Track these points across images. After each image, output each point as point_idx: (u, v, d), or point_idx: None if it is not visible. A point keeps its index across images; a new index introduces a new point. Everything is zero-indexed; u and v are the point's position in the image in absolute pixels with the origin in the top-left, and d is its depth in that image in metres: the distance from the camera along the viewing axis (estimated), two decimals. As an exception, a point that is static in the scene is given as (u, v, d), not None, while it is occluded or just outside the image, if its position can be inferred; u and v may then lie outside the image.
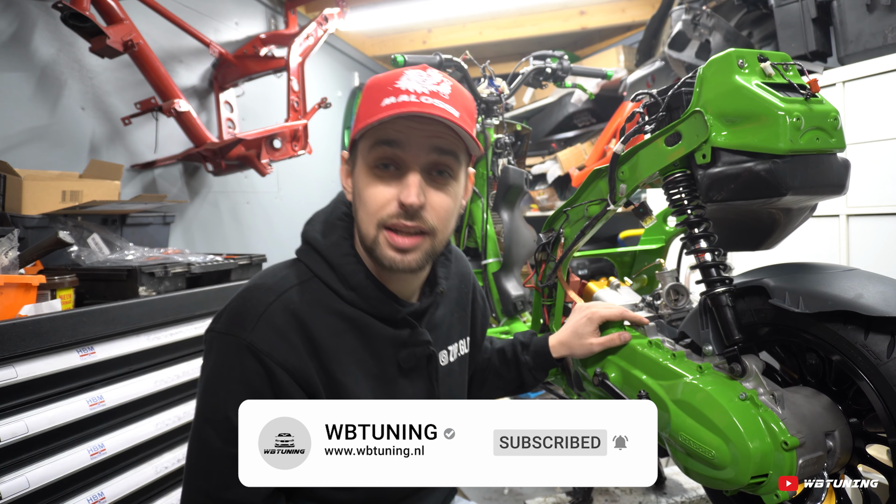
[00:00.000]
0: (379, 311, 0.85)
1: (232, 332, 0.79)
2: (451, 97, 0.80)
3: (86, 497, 1.31)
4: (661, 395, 1.08)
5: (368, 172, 0.82)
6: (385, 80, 0.81)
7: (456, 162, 0.84)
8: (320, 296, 0.84)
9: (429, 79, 0.81)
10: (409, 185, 0.79)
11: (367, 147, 0.82)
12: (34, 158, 2.19)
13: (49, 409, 1.26)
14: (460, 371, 1.03)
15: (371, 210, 0.81)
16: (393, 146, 0.80)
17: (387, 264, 0.82)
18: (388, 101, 0.78)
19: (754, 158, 0.96)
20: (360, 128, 0.81)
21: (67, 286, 1.50)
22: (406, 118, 0.78)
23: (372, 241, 0.82)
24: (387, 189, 0.80)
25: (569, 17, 4.46)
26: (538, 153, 4.36)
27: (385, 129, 0.79)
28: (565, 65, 2.00)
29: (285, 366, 0.78)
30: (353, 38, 4.79)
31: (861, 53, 2.03)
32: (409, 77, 0.80)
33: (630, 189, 1.18)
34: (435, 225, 0.82)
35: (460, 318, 1.03)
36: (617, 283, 1.54)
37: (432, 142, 0.80)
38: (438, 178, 0.82)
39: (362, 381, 0.84)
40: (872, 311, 0.88)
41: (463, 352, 1.04)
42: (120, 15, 2.22)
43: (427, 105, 0.77)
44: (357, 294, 0.84)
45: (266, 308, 0.80)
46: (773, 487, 0.93)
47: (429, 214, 0.81)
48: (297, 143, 3.04)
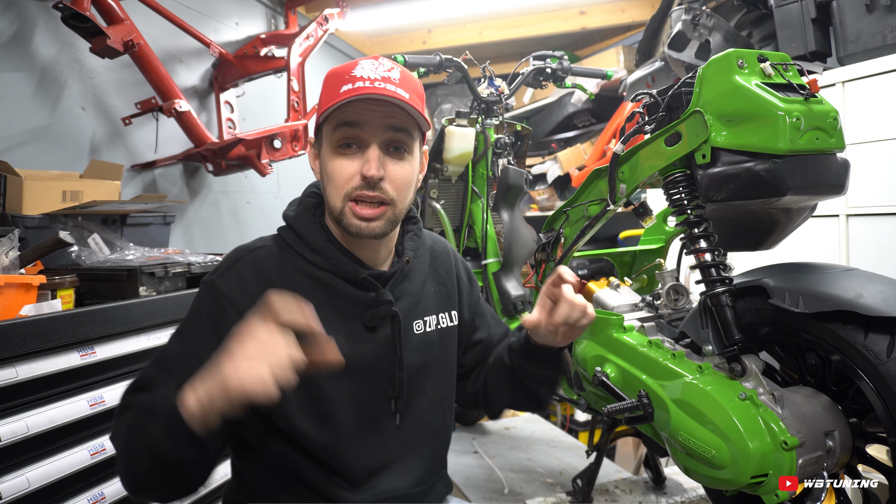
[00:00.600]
0: (342, 272, 0.94)
1: (207, 278, 0.94)
2: (401, 81, 0.91)
3: (86, 497, 1.32)
4: (661, 394, 1.08)
5: (333, 152, 0.92)
6: (342, 70, 0.92)
7: (409, 138, 0.94)
8: (289, 258, 0.95)
9: (381, 66, 0.92)
10: (369, 159, 0.89)
11: (330, 130, 0.92)
12: (34, 158, 2.19)
13: (49, 409, 1.26)
14: (442, 343, 1.05)
15: (338, 184, 0.91)
16: (353, 126, 0.90)
17: (353, 231, 0.91)
18: (345, 88, 0.89)
19: (754, 158, 0.96)
20: (322, 112, 0.92)
21: (68, 286, 1.50)
22: (363, 101, 0.89)
23: (339, 213, 0.92)
24: (350, 164, 0.91)
25: (569, 17, 4.46)
26: (538, 153, 4.35)
27: (345, 112, 0.90)
28: (565, 65, 2.00)
29: (239, 309, 0.87)
30: (353, 38, 4.79)
31: (861, 53, 2.03)
32: (363, 66, 0.91)
33: (630, 189, 1.18)
34: (394, 195, 0.92)
35: (439, 293, 1.08)
36: (617, 283, 1.54)
37: (387, 121, 0.90)
38: (395, 154, 0.93)
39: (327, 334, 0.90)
40: (872, 310, 0.88)
41: (445, 324, 1.07)
42: (120, 15, 2.22)
43: (380, 89, 0.88)
44: (320, 255, 0.95)
45: (236, 261, 0.94)
46: (772, 487, 0.93)
47: (388, 185, 0.91)
48: (297, 143, 3.04)
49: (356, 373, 0.93)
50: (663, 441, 1.12)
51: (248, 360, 0.70)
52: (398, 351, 0.97)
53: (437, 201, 2.00)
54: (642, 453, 2.25)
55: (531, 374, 1.04)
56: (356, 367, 0.93)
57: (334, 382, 0.92)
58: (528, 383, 1.05)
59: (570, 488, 1.71)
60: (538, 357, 1.02)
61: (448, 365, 1.08)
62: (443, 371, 1.06)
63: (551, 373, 1.05)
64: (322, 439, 0.92)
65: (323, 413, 0.92)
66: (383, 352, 0.97)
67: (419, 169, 1.00)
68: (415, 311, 1.03)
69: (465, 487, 1.92)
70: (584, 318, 0.93)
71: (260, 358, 0.69)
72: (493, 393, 1.12)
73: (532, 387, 1.06)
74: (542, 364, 1.03)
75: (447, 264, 1.13)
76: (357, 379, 0.94)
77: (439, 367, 1.05)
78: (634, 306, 1.45)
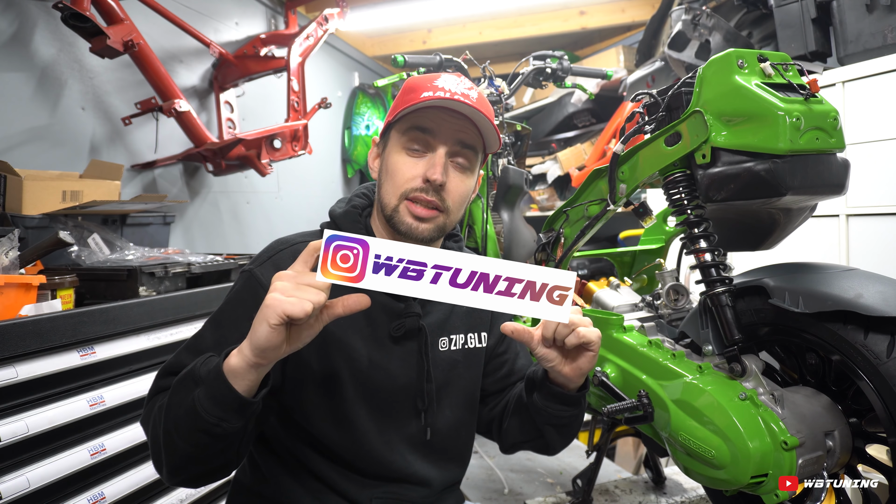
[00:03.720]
0: None
1: (247, 267, 0.95)
2: (478, 101, 0.93)
3: (86, 497, 1.32)
4: (660, 394, 1.08)
5: (400, 151, 0.94)
6: (425, 79, 0.95)
7: (474, 157, 0.96)
8: None
9: (461, 83, 0.95)
10: (436, 163, 0.91)
11: (401, 130, 0.94)
12: (34, 158, 2.19)
13: (49, 409, 1.26)
14: (467, 364, 1.03)
15: (398, 182, 0.92)
16: (426, 132, 0.92)
17: (403, 230, 0.92)
18: (426, 94, 0.91)
19: (754, 158, 0.96)
20: (399, 110, 0.93)
21: (68, 286, 1.50)
22: (440, 109, 0.92)
23: (392, 210, 0.93)
24: (415, 165, 0.92)
25: (569, 17, 4.46)
26: (538, 153, 4.36)
27: (421, 117, 0.92)
28: (565, 65, 2.00)
29: None
30: (353, 38, 4.79)
31: (861, 53, 2.03)
32: (445, 79, 0.94)
33: (630, 189, 1.18)
34: (450, 205, 0.93)
35: (470, 312, 1.05)
36: (617, 283, 1.54)
37: (458, 134, 0.93)
38: (458, 167, 0.94)
39: (351, 336, 0.93)
40: (872, 310, 0.88)
41: (473, 345, 1.04)
42: (120, 15, 2.22)
43: (460, 100, 0.90)
44: None
45: (276, 253, 0.95)
46: (772, 487, 0.93)
47: (447, 194, 0.93)
48: (297, 143, 3.04)
49: (377, 380, 0.94)
50: (663, 441, 1.12)
51: (283, 288, 0.71)
52: (426, 364, 0.96)
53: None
54: (642, 453, 2.25)
55: (540, 409, 0.95)
56: (378, 375, 0.93)
57: (356, 387, 0.92)
58: (536, 418, 0.97)
59: (570, 488, 1.71)
60: (551, 392, 0.93)
61: (471, 386, 1.04)
62: (464, 392, 1.03)
63: (562, 412, 0.95)
64: (341, 441, 0.92)
65: (343, 416, 0.92)
66: (407, 363, 0.96)
67: (474, 188, 1.01)
68: (443, 328, 1.01)
69: (465, 487, 1.92)
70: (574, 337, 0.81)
71: (293, 284, 0.72)
72: (507, 426, 1.06)
73: (539, 423, 0.98)
74: (554, 399, 0.93)
75: None
76: (377, 386, 0.94)
77: (461, 387, 1.02)
78: (634, 306, 1.45)
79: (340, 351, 0.92)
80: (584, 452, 1.66)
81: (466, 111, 0.91)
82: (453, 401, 1.01)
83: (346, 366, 0.92)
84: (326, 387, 0.92)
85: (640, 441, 2.10)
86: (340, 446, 0.93)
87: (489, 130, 0.95)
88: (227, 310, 0.92)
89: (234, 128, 3.11)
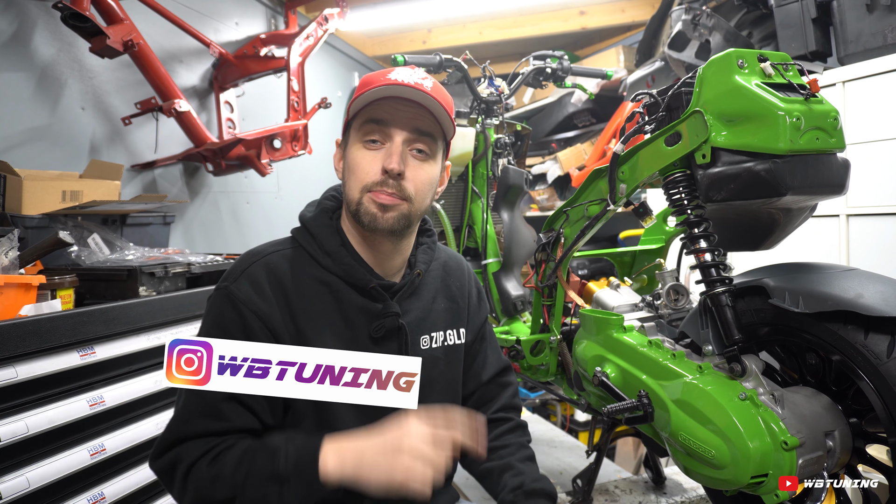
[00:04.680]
0: (352, 278, 0.95)
1: (221, 285, 0.93)
2: (433, 89, 0.94)
3: (86, 497, 1.31)
4: (660, 394, 1.08)
5: (359, 146, 0.94)
6: (378, 74, 0.95)
7: (434, 143, 0.96)
8: (302, 262, 0.96)
9: (415, 74, 0.95)
10: (392, 153, 0.91)
11: (358, 125, 0.95)
12: (34, 158, 2.19)
13: (49, 409, 1.26)
14: (447, 360, 1.04)
15: (359, 176, 0.93)
16: (380, 123, 0.92)
17: (367, 220, 0.92)
18: (378, 87, 0.91)
19: (754, 158, 0.96)
20: (352, 104, 0.94)
21: (67, 286, 1.50)
22: (393, 100, 0.92)
23: (356, 204, 0.93)
24: (374, 158, 0.92)
25: (569, 17, 4.46)
26: (538, 153, 4.35)
27: (374, 109, 0.93)
28: (565, 65, 2.00)
29: (257, 312, 0.89)
30: (353, 38, 4.79)
31: (861, 53, 2.03)
32: (399, 71, 0.95)
33: (630, 189, 1.18)
34: (412, 194, 0.93)
35: (448, 309, 1.07)
36: (617, 283, 1.54)
37: (414, 122, 0.93)
38: (418, 156, 0.95)
39: (331, 341, 0.92)
40: (872, 311, 0.88)
41: (452, 342, 1.06)
42: (120, 15, 2.22)
43: (412, 85, 0.91)
44: (332, 259, 0.95)
45: (250, 265, 0.94)
46: (773, 487, 0.93)
47: (408, 183, 0.93)
48: (297, 143, 3.04)
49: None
50: (663, 441, 1.12)
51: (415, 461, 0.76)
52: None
53: (438, 201, 2.00)
54: (642, 453, 2.25)
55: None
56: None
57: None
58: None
59: (570, 488, 1.71)
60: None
61: (453, 383, 1.06)
62: (447, 389, 1.04)
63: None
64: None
65: (327, 422, 0.91)
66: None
67: (440, 180, 1.01)
68: (422, 326, 1.02)
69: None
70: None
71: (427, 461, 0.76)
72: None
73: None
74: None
75: (460, 281, 1.12)
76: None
77: (444, 384, 1.03)
78: (634, 306, 1.45)
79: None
80: (584, 452, 1.66)
81: (418, 97, 0.91)
82: (438, 398, 1.01)
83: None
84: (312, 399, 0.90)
85: (640, 441, 2.10)
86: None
87: (444, 117, 0.95)
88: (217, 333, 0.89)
89: (234, 128, 3.11)
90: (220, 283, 0.94)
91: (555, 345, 1.48)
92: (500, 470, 1.04)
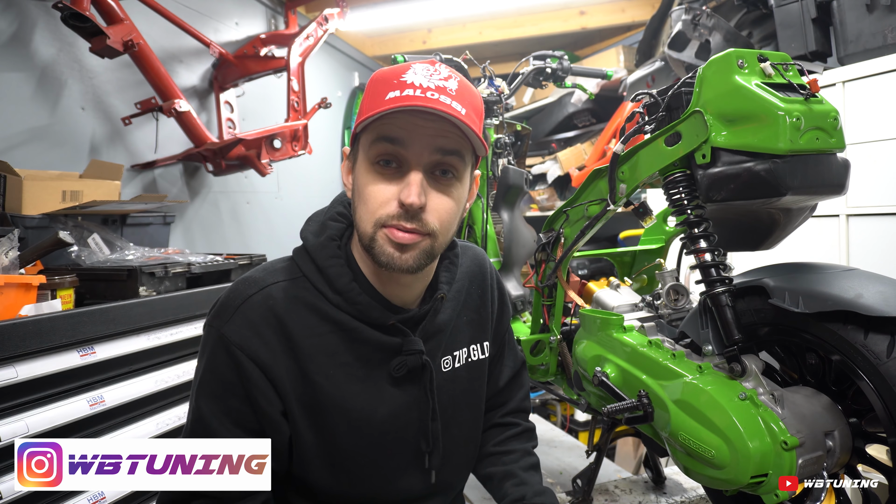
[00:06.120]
0: (367, 317, 0.83)
1: (213, 322, 0.81)
2: (458, 93, 0.76)
3: (86, 497, 1.31)
4: (660, 394, 1.08)
5: (369, 169, 0.78)
6: (391, 73, 0.78)
7: (461, 162, 0.80)
8: (306, 295, 0.83)
9: (436, 73, 0.77)
10: (409, 184, 0.75)
11: (368, 142, 0.78)
12: (34, 158, 2.19)
13: (49, 409, 1.26)
14: (469, 378, 0.96)
15: (371, 208, 0.78)
16: (395, 143, 0.76)
17: (384, 261, 0.78)
18: (391, 95, 0.74)
19: (754, 158, 0.96)
20: (360, 121, 0.78)
21: (68, 286, 1.50)
22: (409, 113, 0.75)
23: (370, 240, 0.79)
24: (387, 187, 0.77)
25: (569, 17, 4.46)
26: (538, 153, 4.35)
27: (388, 124, 0.76)
28: (565, 65, 2.00)
29: (256, 360, 0.79)
30: (353, 38, 4.79)
31: (861, 53, 2.03)
32: (416, 71, 0.77)
33: (630, 189, 1.18)
34: (436, 228, 0.78)
35: (471, 322, 0.97)
36: (617, 283, 1.54)
37: (436, 141, 0.76)
38: (442, 179, 0.79)
39: (343, 383, 0.83)
40: (872, 310, 0.88)
41: (476, 357, 0.97)
42: (120, 15, 2.22)
43: (432, 100, 0.73)
44: (343, 298, 0.83)
45: (245, 301, 0.81)
46: (772, 487, 0.93)
47: (429, 216, 0.77)
48: (297, 143, 3.04)
49: (379, 425, 0.85)
50: (663, 441, 1.12)
51: None
52: (431, 402, 0.87)
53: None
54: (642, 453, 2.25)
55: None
56: (378, 420, 0.85)
57: (354, 437, 0.84)
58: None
59: (570, 488, 1.71)
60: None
61: (476, 399, 0.98)
62: (470, 405, 0.97)
63: None
64: (338, 490, 0.86)
65: (341, 467, 0.85)
66: (411, 402, 0.87)
67: (467, 197, 0.86)
68: (444, 348, 0.92)
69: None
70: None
71: None
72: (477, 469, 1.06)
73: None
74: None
75: (482, 287, 1.01)
76: (380, 432, 0.85)
77: (466, 402, 0.96)
78: (634, 306, 1.45)
79: (335, 407, 0.83)
80: (584, 452, 1.66)
81: (442, 108, 0.73)
82: (461, 417, 0.95)
83: (340, 419, 0.83)
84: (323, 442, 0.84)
85: (640, 441, 2.10)
86: (338, 494, 0.86)
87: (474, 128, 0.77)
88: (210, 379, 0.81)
89: (234, 128, 3.11)
90: (211, 317, 0.82)
91: (555, 345, 1.48)
92: (501, 477, 1.01)
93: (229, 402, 0.80)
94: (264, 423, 0.81)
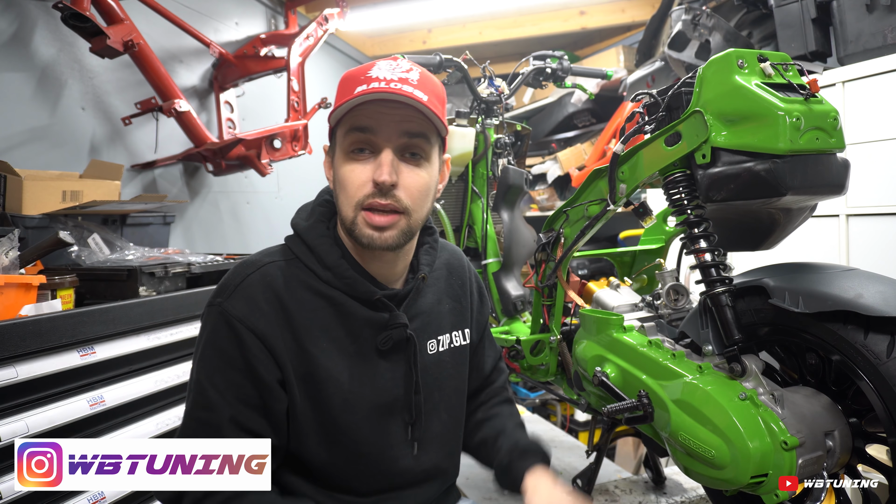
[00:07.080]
0: (355, 291, 0.90)
1: (214, 301, 0.87)
2: (420, 82, 0.85)
3: (86, 497, 1.31)
4: (660, 394, 1.08)
5: (345, 158, 0.87)
6: (358, 71, 0.87)
7: (427, 143, 0.88)
8: (299, 274, 0.90)
9: (398, 67, 0.87)
10: (381, 164, 0.84)
11: (342, 134, 0.87)
12: (34, 158, 2.19)
13: (49, 409, 1.26)
14: (454, 363, 1.02)
15: (349, 192, 0.86)
16: (366, 132, 0.85)
17: (365, 242, 0.86)
18: (359, 89, 0.83)
19: (754, 158, 0.96)
20: (332, 113, 0.87)
21: (68, 286, 1.49)
22: (376, 104, 0.84)
23: (351, 223, 0.87)
24: (363, 170, 0.85)
25: (569, 17, 4.46)
26: (538, 153, 4.36)
27: (358, 116, 0.85)
28: (565, 65, 2.00)
29: (255, 330, 0.84)
30: (353, 38, 4.79)
31: (861, 53, 2.03)
32: (380, 66, 0.87)
33: (630, 189, 1.18)
34: (408, 204, 0.86)
35: (453, 310, 1.04)
36: (617, 283, 1.54)
37: (402, 126, 0.85)
38: (411, 160, 0.87)
39: (336, 357, 0.89)
40: (872, 310, 0.88)
41: (458, 343, 1.04)
42: (120, 15, 2.22)
43: (395, 90, 0.82)
44: (332, 273, 0.89)
45: (244, 279, 0.88)
46: (772, 487, 0.93)
47: (402, 193, 0.86)
48: (297, 143, 3.04)
49: (369, 397, 0.90)
50: (663, 441, 1.12)
51: None
52: (415, 375, 0.93)
53: (437, 201, 2.00)
54: (642, 453, 2.25)
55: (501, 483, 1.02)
56: (368, 392, 0.90)
57: (347, 411, 0.89)
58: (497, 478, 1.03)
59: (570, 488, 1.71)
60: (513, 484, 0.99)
61: (460, 384, 1.04)
62: (456, 390, 1.02)
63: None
64: (332, 464, 0.90)
65: (334, 440, 0.89)
66: (397, 375, 0.93)
67: (438, 177, 0.94)
68: (428, 330, 0.98)
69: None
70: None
71: None
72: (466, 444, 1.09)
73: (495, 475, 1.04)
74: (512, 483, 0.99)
75: (462, 279, 1.09)
76: (370, 404, 0.90)
77: (452, 386, 1.01)
78: (634, 306, 1.45)
79: (328, 378, 0.88)
80: (584, 452, 1.66)
81: (403, 98, 0.82)
82: (448, 401, 1.00)
83: (334, 391, 0.88)
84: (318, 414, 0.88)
85: (640, 441, 2.10)
86: (332, 468, 0.90)
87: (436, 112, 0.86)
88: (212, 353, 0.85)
89: (234, 128, 3.11)
90: (212, 298, 0.88)
91: (555, 345, 1.48)
92: (493, 437, 1.06)
93: (230, 376, 0.83)
94: (264, 394, 0.85)
